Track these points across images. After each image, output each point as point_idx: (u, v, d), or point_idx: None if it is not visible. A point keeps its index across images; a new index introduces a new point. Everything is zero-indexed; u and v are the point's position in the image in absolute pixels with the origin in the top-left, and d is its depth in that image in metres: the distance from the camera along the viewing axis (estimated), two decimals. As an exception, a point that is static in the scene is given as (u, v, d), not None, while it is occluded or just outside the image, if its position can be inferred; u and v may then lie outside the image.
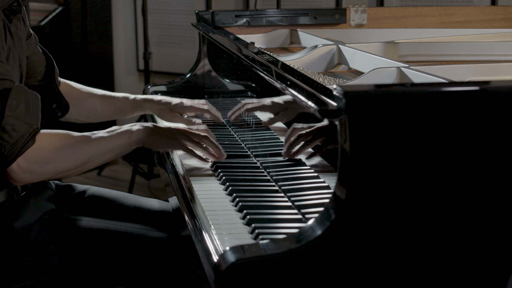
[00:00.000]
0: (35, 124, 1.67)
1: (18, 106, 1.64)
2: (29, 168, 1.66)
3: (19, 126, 1.63)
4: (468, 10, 2.78)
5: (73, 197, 2.04)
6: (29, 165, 1.65)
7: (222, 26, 2.64)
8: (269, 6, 4.08)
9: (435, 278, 1.33)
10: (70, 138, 1.73)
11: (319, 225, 1.28)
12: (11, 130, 1.62)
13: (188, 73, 2.73)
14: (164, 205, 2.07)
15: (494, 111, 1.30)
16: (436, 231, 1.31)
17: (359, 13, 2.74)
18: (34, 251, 1.75)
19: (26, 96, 1.66)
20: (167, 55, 4.77)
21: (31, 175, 1.68)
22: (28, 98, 1.67)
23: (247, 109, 2.04)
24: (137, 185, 4.33)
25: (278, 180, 1.69)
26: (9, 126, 1.62)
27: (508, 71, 1.90)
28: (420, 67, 1.81)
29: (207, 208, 1.56)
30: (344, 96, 1.26)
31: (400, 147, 1.28)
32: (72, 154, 1.71)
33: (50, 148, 1.69)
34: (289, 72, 1.70)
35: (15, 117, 1.63)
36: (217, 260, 1.29)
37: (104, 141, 1.75)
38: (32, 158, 1.65)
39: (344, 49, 2.20)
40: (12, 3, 1.73)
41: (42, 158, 1.67)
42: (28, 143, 1.64)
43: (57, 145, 1.70)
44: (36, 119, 1.68)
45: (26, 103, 1.66)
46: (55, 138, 1.71)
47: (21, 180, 1.68)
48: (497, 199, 1.32)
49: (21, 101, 1.65)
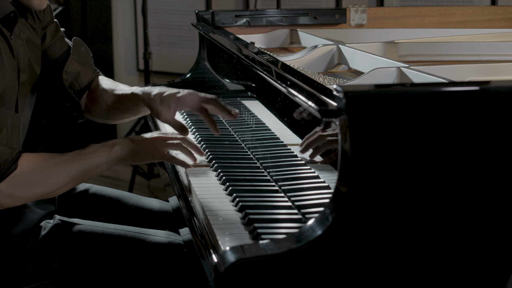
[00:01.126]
0: (17, 148, 1.65)
1: (2, 131, 1.61)
2: (11, 193, 1.63)
3: (2, 151, 1.60)
4: (468, 10, 2.78)
5: (75, 195, 2.04)
6: (10, 190, 1.62)
7: (222, 26, 2.64)
8: (269, 6, 4.08)
9: (435, 278, 1.33)
10: (50, 161, 1.69)
11: (319, 225, 1.28)
12: None
13: (188, 73, 2.73)
14: (164, 205, 2.07)
15: (494, 111, 1.30)
16: (436, 232, 1.31)
17: (359, 13, 2.74)
18: (34, 255, 1.74)
19: (9, 119, 1.63)
20: (167, 55, 4.77)
21: (12, 200, 1.65)
22: (12, 121, 1.64)
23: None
24: (137, 185, 4.33)
25: (278, 180, 1.69)
26: None
27: (508, 71, 1.90)
28: (420, 67, 1.81)
29: (207, 208, 1.56)
30: (344, 96, 1.26)
31: (400, 147, 1.28)
32: (53, 177, 1.68)
33: (31, 172, 1.65)
34: (289, 72, 1.70)
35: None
36: (217, 260, 1.29)
37: (84, 161, 1.71)
38: (13, 183, 1.62)
39: (344, 49, 2.20)
40: (10, 14, 1.70)
41: (24, 182, 1.64)
42: (10, 168, 1.61)
43: (38, 168, 1.67)
44: (18, 142, 1.66)
45: (10, 127, 1.63)
46: (35, 161, 1.67)
47: (2, 205, 1.64)
48: (497, 199, 1.32)
49: (4, 125, 1.62)
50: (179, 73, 3.07)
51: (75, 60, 1.97)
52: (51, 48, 1.94)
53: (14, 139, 1.64)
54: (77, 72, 1.97)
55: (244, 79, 2.19)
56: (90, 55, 2.04)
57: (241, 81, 2.23)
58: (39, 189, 1.67)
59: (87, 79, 2.00)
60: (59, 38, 1.96)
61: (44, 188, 1.68)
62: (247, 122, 2.11)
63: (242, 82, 2.23)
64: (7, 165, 1.60)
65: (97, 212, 1.98)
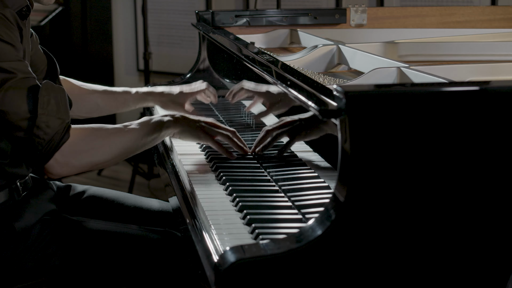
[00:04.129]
0: (67, 118, 1.70)
1: (49, 103, 1.66)
2: (66, 161, 1.68)
3: (53, 122, 1.66)
4: (468, 10, 2.78)
5: (73, 197, 2.04)
6: (66, 159, 1.68)
7: (222, 26, 2.64)
8: (269, 6, 4.08)
9: (435, 278, 1.33)
10: (102, 131, 1.75)
11: (319, 225, 1.28)
12: (46, 127, 1.65)
13: (188, 73, 2.73)
14: (164, 205, 2.07)
15: (494, 111, 1.30)
16: (436, 231, 1.31)
17: (359, 13, 2.74)
18: (35, 252, 1.75)
19: (54, 91, 1.69)
20: (167, 55, 4.77)
21: (68, 168, 1.70)
22: (57, 93, 1.69)
23: (244, 89, 2.06)
24: (137, 185, 4.33)
25: (278, 180, 1.69)
26: (43, 124, 1.65)
27: (508, 71, 1.90)
28: (420, 67, 1.81)
29: (207, 208, 1.56)
30: (344, 96, 1.26)
31: (400, 147, 1.28)
32: (106, 146, 1.74)
33: (84, 141, 1.71)
34: (289, 72, 1.70)
35: (48, 114, 1.65)
36: (217, 260, 1.29)
37: (137, 133, 1.78)
38: (68, 152, 1.68)
39: (344, 49, 2.20)
40: (23, 8, 1.75)
41: (78, 151, 1.70)
42: (63, 138, 1.67)
43: (91, 138, 1.73)
44: (67, 114, 1.70)
45: (56, 99, 1.68)
46: (87, 131, 1.73)
47: (58, 174, 1.70)
48: (497, 199, 1.32)
49: (51, 97, 1.67)
50: (179, 73, 3.07)
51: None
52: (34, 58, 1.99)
53: (62, 110, 1.69)
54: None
55: (244, 79, 2.19)
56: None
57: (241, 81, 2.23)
58: (93, 158, 1.73)
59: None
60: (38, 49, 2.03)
61: (98, 157, 1.74)
62: (247, 122, 2.11)
63: (242, 82, 2.22)
64: (60, 136, 1.66)
65: (95, 213, 1.98)
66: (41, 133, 1.64)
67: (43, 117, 1.65)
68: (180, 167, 1.89)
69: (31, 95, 1.65)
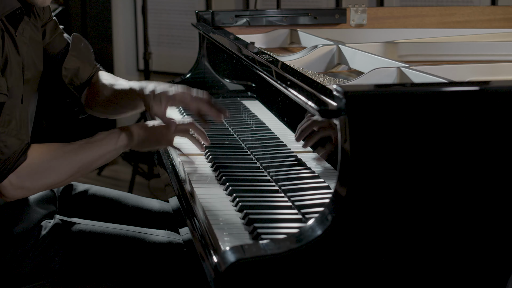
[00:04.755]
0: (26, 139, 1.66)
1: (11, 122, 1.62)
2: (21, 184, 1.63)
3: (11, 142, 1.61)
4: (468, 10, 2.78)
5: (74, 196, 2.04)
6: (20, 181, 1.63)
7: (222, 26, 2.64)
8: (269, 6, 4.08)
9: (435, 278, 1.33)
10: (58, 150, 1.70)
11: (319, 225, 1.28)
12: (3, 147, 1.60)
13: (188, 73, 2.73)
14: (164, 205, 2.07)
15: (494, 111, 1.30)
16: (436, 232, 1.31)
17: (359, 13, 2.74)
18: (34, 254, 1.74)
19: (17, 111, 1.65)
20: (167, 55, 4.77)
21: (22, 191, 1.66)
22: (20, 113, 1.65)
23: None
24: (137, 185, 4.33)
25: (278, 180, 1.69)
26: (1, 143, 1.60)
27: (508, 71, 1.90)
28: (420, 67, 1.81)
29: (207, 208, 1.56)
30: (344, 96, 1.26)
31: (400, 147, 1.28)
32: (62, 166, 1.69)
33: (41, 162, 1.66)
34: (289, 72, 1.70)
35: (7, 134, 1.61)
36: (217, 260, 1.29)
37: (93, 149, 1.73)
38: (23, 173, 1.63)
39: (344, 49, 2.20)
40: (15, 11, 1.71)
41: (34, 172, 1.65)
42: (20, 159, 1.62)
43: (47, 158, 1.68)
44: (27, 134, 1.67)
45: (18, 119, 1.64)
46: (44, 151, 1.68)
47: (12, 196, 1.65)
48: (497, 199, 1.32)
49: (13, 117, 1.63)
50: (179, 73, 3.07)
51: (74, 56, 1.98)
52: (51, 45, 1.95)
53: (23, 131, 1.65)
54: (77, 68, 1.98)
55: (244, 79, 2.19)
56: (90, 51, 2.05)
57: (241, 81, 2.23)
58: (49, 179, 1.69)
59: (87, 75, 2.01)
60: (58, 35, 1.98)
61: (54, 178, 1.69)
62: (247, 122, 2.11)
63: (242, 82, 2.23)
64: (17, 156, 1.62)
65: (96, 213, 1.98)
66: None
67: (2, 136, 1.60)
68: (180, 167, 1.89)
69: None
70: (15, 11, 1.71)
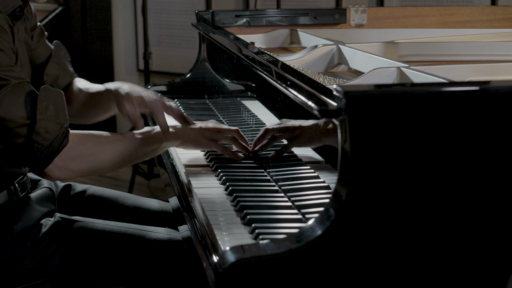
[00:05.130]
0: (66, 123, 1.69)
1: (48, 108, 1.66)
2: (65, 166, 1.68)
3: (52, 127, 1.65)
4: (468, 10, 2.78)
5: (73, 196, 2.04)
6: (65, 164, 1.68)
7: (222, 26, 2.64)
8: (269, 6, 4.08)
9: (435, 278, 1.33)
10: (102, 138, 1.75)
11: (319, 225, 1.28)
12: (45, 133, 1.64)
13: (188, 73, 2.73)
14: (164, 205, 2.07)
15: (494, 111, 1.30)
16: (436, 232, 1.31)
17: (359, 13, 2.74)
18: (34, 253, 1.75)
19: (53, 96, 1.68)
20: (167, 55, 4.77)
21: (67, 172, 1.70)
22: (55, 97, 1.69)
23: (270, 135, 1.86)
24: (137, 185, 4.33)
25: (278, 180, 1.69)
26: (42, 129, 1.64)
27: (508, 71, 1.90)
28: (420, 67, 1.81)
29: (207, 208, 1.56)
30: (344, 96, 1.26)
31: (400, 147, 1.28)
32: (106, 153, 1.73)
33: (84, 147, 1.71)
34: (289, 72, 1.70)
35: (46, 120, 1.65)
36: (217, 260, 1.29)
37: (138, 142, 1.76)
38: (67, 156, 1.68)
39: (344, 49, 2.20)
40: (16, 9, 1.74)
41: (77, 155, 1.70)
42: (63, 143, 1.67)
43: (91, 144, 1.73)
44: (65, 118, 1.70)
45: (54, 104, 1.68)
46: (87, 137, 1.73)
47: (58, 177, 1.71)
48: (497, 199, 1.32)
49: (49, 103, 1.67)
50: (179, 73, 3.07)
51: (55, 63, 2.02)
52: (36, 51, 1.99)
53: (60, 115, 1.68)
54: (57, 75, 2.02)
55: (244, 79, 2.19)
56: (68, 59, 2.10)
57: (241, 81, 2.23)
58: (92, 164, 1.73)
59: (65, 82, 2.04)
60: (43, 42, 2.02)
61: (97, 164, 1.73)
62: (247, 122, 2.11)
63: (242, 82, 2.23)
64: (59, 141, 1.66)
65: (95, 213, 1.98)
66: (40, 139, 1.64)
67: (42, 122, 1.64)
68: (180, 167, 1.89)
69: (28, 101, 1.64)
70: (15, 9, 1.74)
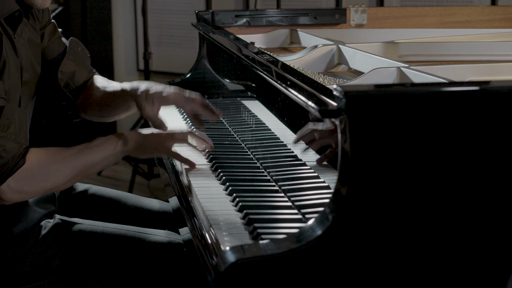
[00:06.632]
0: (25, 143, 1.66)
1: (10, 126, 1.62)
2: (19, 188, 1.64)
3: (10, 146, 1.61)
4: (468, 10, 2.78)
5: (74, 196, 2.04)
6: (19, 185, 1.64)
7: (222, 26, 2.64)
8: (269, 6, 4.08)
9: (435, 277, 1.33)
10: (57, 155, 1.71)
11: (319, 225, 1.28)
12: (2, 151, 1.60)
13: (188, 73, 2.73)
14: (164, 205, 2.07)
15: (494, 111, 1.30)
16: (436, 232, 1.31)
17: (359, 13, 2.74)
18: (34, 254, 1.74)
19: (16, 115, 1.65)
20: (167, 55, 4.77)
21: (21, 195, 1.67)
22: (19, 117, 1.66)
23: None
24: (137, 185, 4.33)
25: (278, 180, 1.69)
26: (0, 148, 1.60)
27: (508, 71, 1.90)
28: (420, 67, 1.81)
29: (207, 208, 1.56)
30: (344, 96, 1.26)
31: (400, 147, 1.28)
32: (60, 171, 1.69)
33: (39, 166, 1.66)
34: (289, 72, 1.70)
35: (6, 138, 1.61)
36: (217, 260, 1.29)
37: (91, 154, 1.73)
38: (22, 177, 1.63)
39: (344, 49, 2.20)
40: (15, 12, 1.71)
41: (32, 176, 1.65)
42: (18, 163, 1.62)
43: (46, 163, 1.68)
44: (25, 138, 1.67)
45: (17, 123, 1.64)
46: (43, 155, 1.68)
47: (10, 200, 1.66)
48: (497, 199, 1.32)
49: (12, 121, 1.63)
50: (179, 73, 3.07)
51: (70, 60, 1.99)
52: (49, 48, 1.96)
53: (21, 135, 1.65)
54: (73, 72, 1.99)
55: (244, 79, 2.19)
56: (87, 55, 2.06)
57: (241, 81, 2.23)
58: (47, 183, 1.69)
59: (83, 79, 2.02)
60: (57, 39, 1.99)
61: (52, 182, 1.70)
62: (247, 122, 2.11)
63: (242, 82, 2.23)
64: (16, 160, 1.62)
65: (96, 213, 1.98)
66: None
67: (1, 140, 1.60)
68: (180, 167, 1.89)
69: None
70: (13, 13, 1.71)
